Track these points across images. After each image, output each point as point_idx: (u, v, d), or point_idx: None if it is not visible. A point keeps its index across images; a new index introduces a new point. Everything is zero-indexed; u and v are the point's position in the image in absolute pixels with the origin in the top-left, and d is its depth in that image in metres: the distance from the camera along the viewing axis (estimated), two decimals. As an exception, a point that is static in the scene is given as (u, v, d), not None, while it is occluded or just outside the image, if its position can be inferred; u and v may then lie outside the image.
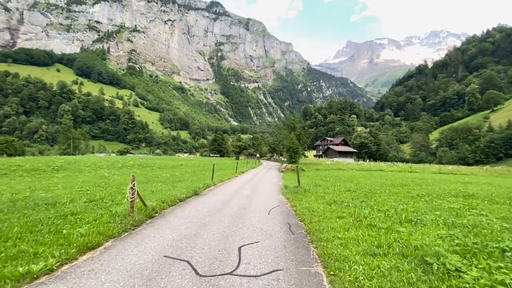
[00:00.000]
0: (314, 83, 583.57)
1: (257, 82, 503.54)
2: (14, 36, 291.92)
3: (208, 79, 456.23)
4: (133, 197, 6.32)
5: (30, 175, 17.62)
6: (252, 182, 15.73)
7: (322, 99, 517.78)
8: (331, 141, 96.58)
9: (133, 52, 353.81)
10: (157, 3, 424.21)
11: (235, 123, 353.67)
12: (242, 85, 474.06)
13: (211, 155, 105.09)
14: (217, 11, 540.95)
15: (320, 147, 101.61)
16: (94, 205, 7.90)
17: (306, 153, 48.67)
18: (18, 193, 9.72)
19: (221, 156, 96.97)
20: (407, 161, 77.13)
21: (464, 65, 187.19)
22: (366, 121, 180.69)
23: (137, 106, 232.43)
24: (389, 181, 16.98)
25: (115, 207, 7.21)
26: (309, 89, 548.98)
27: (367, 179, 19.03)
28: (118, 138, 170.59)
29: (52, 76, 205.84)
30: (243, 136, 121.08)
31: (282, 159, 52.70)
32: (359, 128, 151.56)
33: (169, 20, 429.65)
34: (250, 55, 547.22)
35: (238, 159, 63.90)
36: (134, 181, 6.37)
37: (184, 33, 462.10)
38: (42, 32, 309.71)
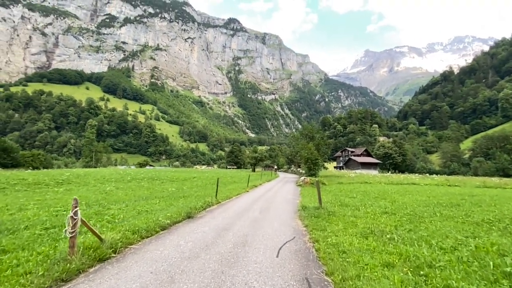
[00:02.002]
0: (332, 93, 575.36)
1: (274, 94, 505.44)
2: (50, 58, 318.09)
3: (226, 93, 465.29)
4: (73, 231, 4.29)
5: (28, 189, 16.57)
6: (263, 200, 13.36)
7: (340, 109, 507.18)
8: (352, 151, 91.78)
9: (156, 69, 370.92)
10: (178, 22, 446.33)
11: (252, 135, 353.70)
12: (259, 97, 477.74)
13: (228, 167, 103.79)
14: (234, 27, 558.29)
15: (341, 158, 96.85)
16: (47, 236, 6.02)
17: (326, 164, 45.44)
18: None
19: (238, 167, 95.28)
20: (437, 173, 70.58)
21: (494, 69, 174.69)
22: (389, 130, 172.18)
23: (158, 120, 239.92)
24: (432, 199, 13.87)
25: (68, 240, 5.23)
26: (327, 99, 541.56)
27: (403, 195, 15.95)
28: (140, 151, 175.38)
29: (81, 94, 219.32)
30: (260, 147, 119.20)
31: (300, 171, 49.67)
32: (382, 138, 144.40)
33: (189, 38, 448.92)
34: (267, 68, 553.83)
35: (254, 171, 61.61)
36: (76, 207, 4.37)
37: (203, 49, 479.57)
38: (75, 53, 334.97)
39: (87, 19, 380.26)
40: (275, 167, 71.39)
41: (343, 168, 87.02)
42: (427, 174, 54.23)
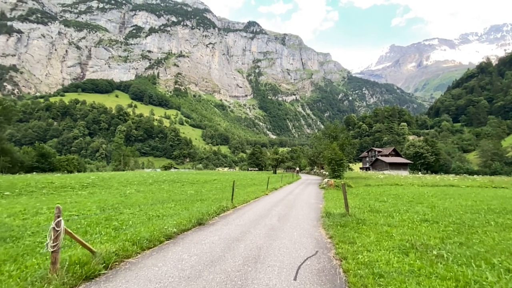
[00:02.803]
0: (356, 91, 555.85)
1: (294, 95, 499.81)
2: (84, 69, 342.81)
3: (246, 95, 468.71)
4: (55, 245, 3.71)
5: (54, 193, 17.11)
6: (283, 204, 12.38)
7: (365, 107, 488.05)
8: (379, 151, 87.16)
9: (179, 75, 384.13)
10: (199, 29, 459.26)
11: (273, 137, 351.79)
12: (280, 99, 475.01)
13: (249, 169, 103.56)
14: (254, 30, 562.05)
15: (367, 159, 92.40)
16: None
17: (352, 165, 43.11)
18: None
19: (260, 169, 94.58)
20: (476, 173, 64.40)
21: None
22: (419, 128, 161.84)
23: (182, 124, 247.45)
24: (480, 204, 11.99)
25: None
26: (350, 98, 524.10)
27: (443, 199, 14.09)
28: (165, 154, 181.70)
29: (112, 101, 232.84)
30: (281, 149, 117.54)
31: (324, 172, 47.67)
32: (411, 137, 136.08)
33: (210, 43, 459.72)
34: (287, 69, 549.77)
35: (275, 173, 60.43)
36: (59, 217, 3.80)
37: (224, 54, 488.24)
38: (105, 64, 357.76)
39: (116, 31, 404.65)
40: (297, 168, 69.48)
41: (369, 169, 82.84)
42: (465, 175, 49.47)
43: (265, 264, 4.60)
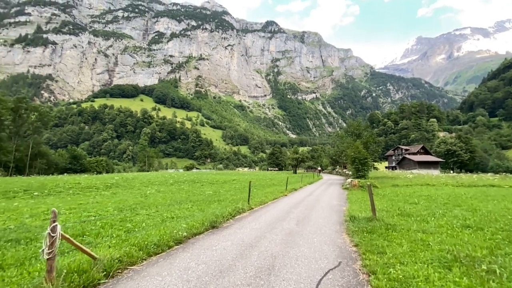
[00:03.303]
0: (380, 87, 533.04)
1: (314, 93, 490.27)
2: (111, 75, 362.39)
3: (265, 95, 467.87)
4: (51, 252, 3.45)
5: (80, 193, 17.78)
6: (302, 206, 11.69)
7: (390, 104, 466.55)
8: (406, 150, 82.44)
9: (199, 78, 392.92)
10: (218, 31, 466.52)
11: (293, 136, 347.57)
12: (299, 98, 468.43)
13: (269, 168, 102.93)
14: (272, 29, 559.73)
15: (393, 157, 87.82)
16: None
17: (377, 164, 40.92)
18: (15, 218, 8.38)
19: (279, 169, 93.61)
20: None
21: None
22: (450, 124, 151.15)
23: (203, 125, 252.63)
24: (531, 207, 10.45)
25: (61, 258, 4.53)
26: (374, 94, 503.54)
27: (484, 201, 12.58)
28: (187, 155, 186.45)
29: (137, 105, 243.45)
30: (301, 148, 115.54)
31: (346, 172, 45.79)
32: (442, 134, 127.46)
33: (229, 45, 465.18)
34: (307, 67, 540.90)
35: (295, 173, 59.28)
36: (55, 222, 3.53)
37: (243, 55, 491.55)
38: (131, 70, 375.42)
39: (140, 38, 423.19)
40: (319, 168, 67.58)
41: (396, 168, 78.63)
42: (505, 173, 44.98)
43: (279, 277, 4.05)
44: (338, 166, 71.38)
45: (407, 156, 74.17)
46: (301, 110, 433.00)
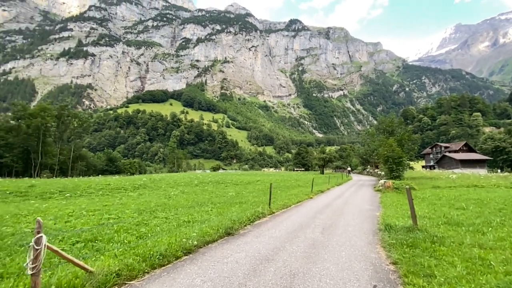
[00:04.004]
0: (414, 81, 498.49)
1: (342, 90, 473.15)
2: (143, 82, 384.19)
3: (290, 94, 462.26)
4: (35, 267, 3.06)
5: (109, 194, 18.45)
6: (329, 211, 10.65)
7: (426, 98, 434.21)
8: (446, 147, 75.58)
9: (224, 81, 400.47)
10: (242, 34, 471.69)
11: (320, 135, 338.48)
12: (326, 95, 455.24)
13: (295, 169, 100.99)
14: (296, 28, 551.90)
15: (431, 156, 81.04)
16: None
17: (412, 163, 37.62)
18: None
19: (306, 170, 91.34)
20: None
21: None
22: (497, 118, 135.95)
23: (228, 127, 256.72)
24: None
25: (54, 271, 4.20)
26: (407, 89, 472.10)
27: (554, 207, 10.46)
28: (214, 156, 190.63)
29: (166, 109, 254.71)
30: (329, 148, 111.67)
31: (379, 172, 42.86)
32: (487, 129, 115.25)
33: (252, 46, 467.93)
34: (333, 64, 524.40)
35: (322, 173, 57.10)
36: (39, 233, 3.15)
37: (266, 55, 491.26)
38: (160, 76, 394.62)
39: (168, 45, 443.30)
40: (348, 168, 64.20)
41: (434, 168, 72.37)
42: None
43: (297, 306, 3.28)
44: (369, 166, 67.51)
45: (447, 154, 67.86)
46: (328, 108, 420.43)
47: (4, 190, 16.12)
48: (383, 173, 32.75)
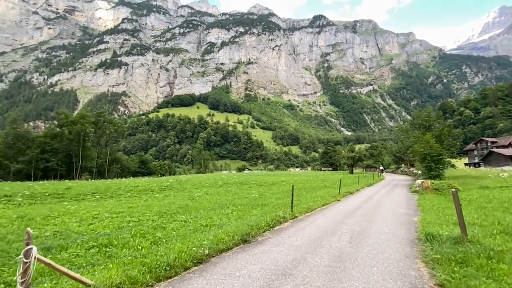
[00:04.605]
0: (453, 71, 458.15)
1: (371, 85, 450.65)
2: (172, 87, 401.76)
3: (315, 92, 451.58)
4: (24, 281, 2.82)
5: (137, 195, 19.06)
6: (358, 215, 9.68)
7: (467, 89, 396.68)
8: (493, 142, 68.15)
9: (249, 82, 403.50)
10: (265, 34, 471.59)
11: (349, 133, 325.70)
12: (354, 91, 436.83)
13: (322, 169, 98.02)
14: (320, 23, 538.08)
15: (475, 152, 73.53)
16: (78, 261, 5.18)
17: (454, 161, 34.05)
18: (67, 222, 8.80)
19: (334, 169, 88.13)
20: None
21: None
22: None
23: (253, 127, 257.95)
24: None
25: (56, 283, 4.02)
26: (445, 80, 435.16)
27: None
28: (240, 157, 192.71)
29: (194, 112, 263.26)
30: (358, 146, 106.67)
31: (414, 171, 39.60)
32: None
33: (276, 46, 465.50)
34: (361, 58, 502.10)
35: (352, 173, 54.43)
36: (29, 245, 2.91)
37: (290, 53, 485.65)
38: (187, 80, 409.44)
39: (194, 51, 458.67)
40: (381, 167, 60.31)
41: (479, 165, 65.40)
42: None
43: None
44: (403, 165, 63.03)
45: (495, 150, 61.00)
46: (356, 105, 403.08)
47: (44, 192, 17.38)
48: (419, 172, 30.08)
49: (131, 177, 50.79)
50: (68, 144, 56.03)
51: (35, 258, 2.97)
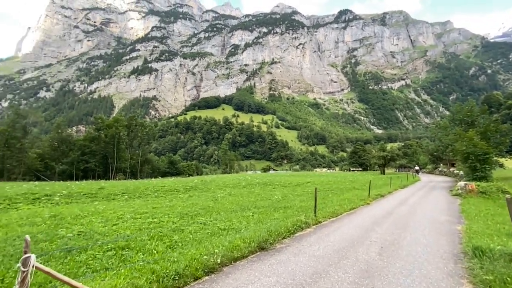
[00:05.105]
0: (498, 61, 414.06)
1: (403, 79, 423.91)
2: (198, 90, 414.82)
3: (342, 89, 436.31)
4: (21, 293, 2.71)
5: (163, 195, 19.59)
6: (390, 222, 8.76)
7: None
8: (553, 138, 59.47)
9: (272, 82, 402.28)
10: (288, 33, 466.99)
11: (379, 131, 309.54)
12: (384, 87, 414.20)
13: (351, 169, 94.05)
14: (346, 18, 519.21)
15: (529, 150, 65.04)
16: (92, 264, 5.18)
17: (503, 160, 30.30)
18: (92, 222, 9.10)
19: (364, 169, 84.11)
20: None
21: None
22: None
23: (278, 127, 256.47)
24: None
25: None
26: (489, 71, 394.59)
27: None
28: (265, 157, 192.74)
29: (219, 114, 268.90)
30: (390, 144, 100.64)
31: (455, 171, 36.06)
32: None
33: (300, 44, 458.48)
34: (391, 52, 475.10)
35: (383, 173, 51.32)
36: (27, 252, 2.80)
37: (315, 51, 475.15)
38: (213, 83, 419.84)
39: (219, 54, 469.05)
40: (416, 167, 55.83)
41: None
42: None
43: None
44: (441, 164, 58.08)
45: (555, 147, 53.35)
46: (387, 101, 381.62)
47: (80, 191, 18.57)
48: (461, 172, 27.26)
49: (160, 178, 53.00)
50: (105, 147, 60.13)
51: (33, 267, 2.87)
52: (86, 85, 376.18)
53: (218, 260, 4.80)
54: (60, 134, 59.88)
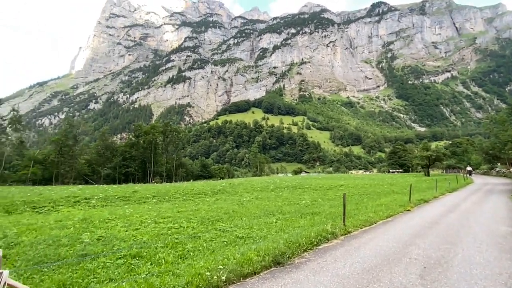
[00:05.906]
0: None
1: (449, 71, 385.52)
2: (228, 95, 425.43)
3: (378, 86, 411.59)
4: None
5: (191, 199, 19.83)
6: (435, 234, 7.39)
7: None
8: None
9: (302, 82, 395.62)
10: (318, 32, 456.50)
11: (422, 129, 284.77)
12: (426, 81, 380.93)
13: (390, 170, 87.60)
14: (379, 11, 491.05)
15: None
16: (94, 272, 5.01)
17: None
18: (116, 227, 9.24)
19: (405, 171, 77.78)
20: None
21: None
22: None
23: (309, 128, 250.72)
24: None
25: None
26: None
27: None
28: (296, 159, 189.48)
29: (249, 117, 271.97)
30: (435, 143, 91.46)
31: (518, 172, 31.05)
32: None
33: (330, 42, 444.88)
34: (433, 42, 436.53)
35: (428, 175, 46.59)
36: (1, 273, 2.54)
37: (347, 48, 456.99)
38: (242, 87, 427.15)
39: (248, 58, 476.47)
40: (468, 168, 49.35)
41: None
42: None
43: None
44: (499, 164, 50.95)
45: None
46: (430, 96, 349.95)
47: (115, 195, 19.64)
48: (527, 173, 23.26)
49: (191, 181, 54.78)
50: (143, 152, 64.21)
51: (5, 284, 2.63)
52: (128, 95, 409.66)
53: (223, 278, 4.25)
54: (105, 141, 65.47)
